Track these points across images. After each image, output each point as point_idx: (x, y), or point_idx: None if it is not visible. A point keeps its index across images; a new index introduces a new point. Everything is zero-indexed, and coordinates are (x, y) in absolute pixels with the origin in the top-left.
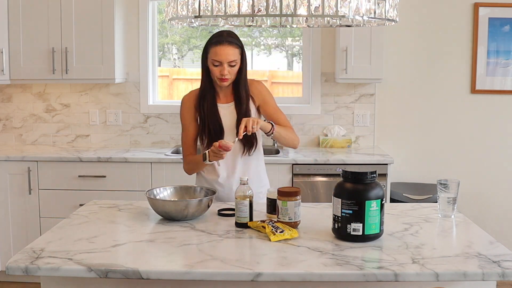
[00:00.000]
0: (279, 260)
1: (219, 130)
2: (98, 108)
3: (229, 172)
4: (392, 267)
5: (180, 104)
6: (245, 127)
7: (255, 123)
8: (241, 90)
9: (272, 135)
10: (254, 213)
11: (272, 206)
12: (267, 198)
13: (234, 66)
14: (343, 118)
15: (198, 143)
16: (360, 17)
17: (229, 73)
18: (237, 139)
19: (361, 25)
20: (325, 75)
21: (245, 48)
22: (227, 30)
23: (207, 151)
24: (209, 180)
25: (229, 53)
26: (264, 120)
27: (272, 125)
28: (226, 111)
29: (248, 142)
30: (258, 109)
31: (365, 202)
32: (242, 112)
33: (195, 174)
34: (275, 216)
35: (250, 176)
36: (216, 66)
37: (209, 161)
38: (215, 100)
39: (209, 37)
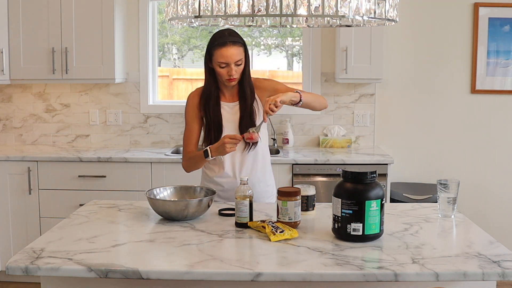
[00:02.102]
0: (279, 260)
1: (219, 129)
2: (98, 108)
3: (235, 169)
4: (392, 267)
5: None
6: (269, 111)
7: (273, 100)
8: (245, 87)
9: (301, 102)
10: (254, 213)
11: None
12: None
13: (240, 64)
14: (343, 118)
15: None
16: (360, 17)
17: (236, 73)
18: (262, 122)
19: (361, 25)
20: (325, 75)
21: None
22: (227, 29)
23: (208, 147)
24: (213, 178)
25: (235, 53)
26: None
27: (299, 92)
28: (231, 110)
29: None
30: None
31: (365, 202)
32: (246, 111)
33: (201, 174)
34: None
35: (256, 174)
36: (223, 67)
37: (211, 156)
38: (219, 99)
39: (209, 37)
